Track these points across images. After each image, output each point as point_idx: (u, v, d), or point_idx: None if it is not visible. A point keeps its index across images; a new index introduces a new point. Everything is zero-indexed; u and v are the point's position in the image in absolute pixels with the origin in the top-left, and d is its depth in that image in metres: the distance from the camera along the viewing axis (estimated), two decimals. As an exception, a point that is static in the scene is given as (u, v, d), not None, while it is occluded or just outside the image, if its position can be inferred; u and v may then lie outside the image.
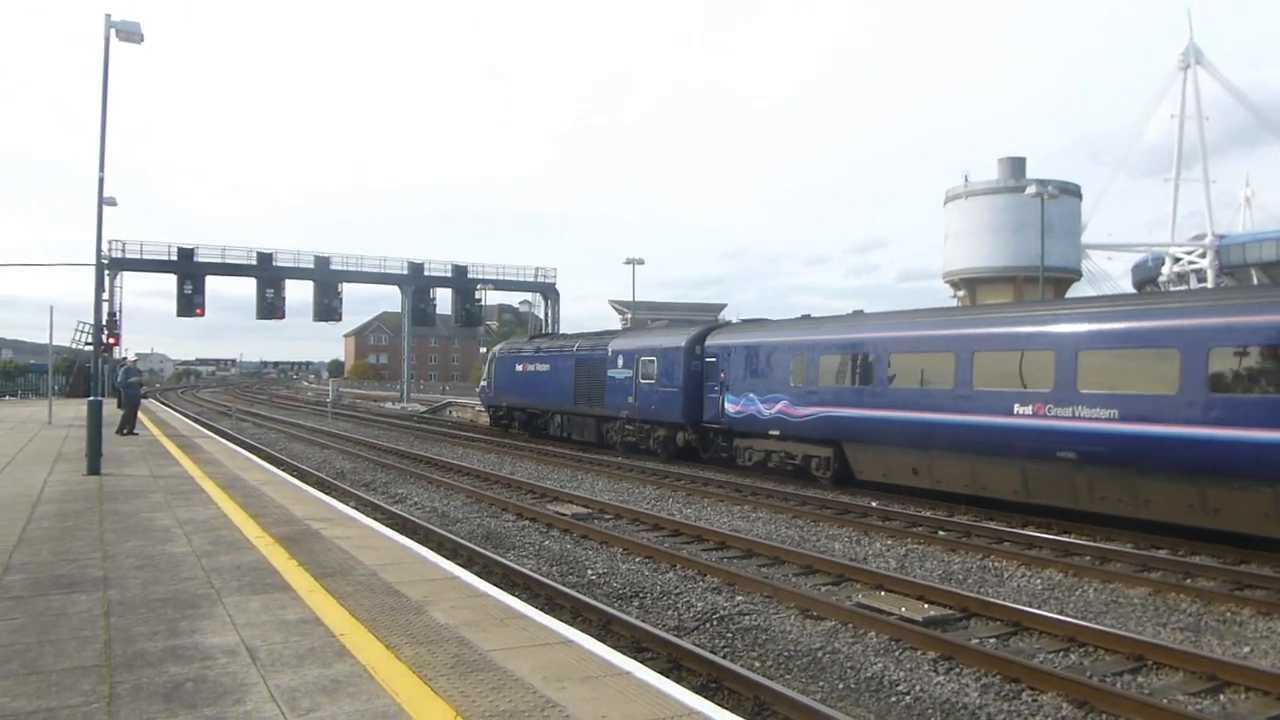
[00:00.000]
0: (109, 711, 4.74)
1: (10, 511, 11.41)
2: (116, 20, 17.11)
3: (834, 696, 7.62)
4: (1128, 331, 14.43)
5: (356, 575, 8.07)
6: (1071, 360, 14.81)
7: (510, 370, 35.28)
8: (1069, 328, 15.21)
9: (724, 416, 23.07)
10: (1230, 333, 12.92)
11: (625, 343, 27.96)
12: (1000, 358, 16.27)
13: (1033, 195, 40.38)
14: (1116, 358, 14.44)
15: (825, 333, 20.73)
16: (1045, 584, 11.66)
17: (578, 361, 30.06)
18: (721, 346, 23.61)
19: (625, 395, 26.98)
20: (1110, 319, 14.85)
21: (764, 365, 21.96)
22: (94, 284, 19.78)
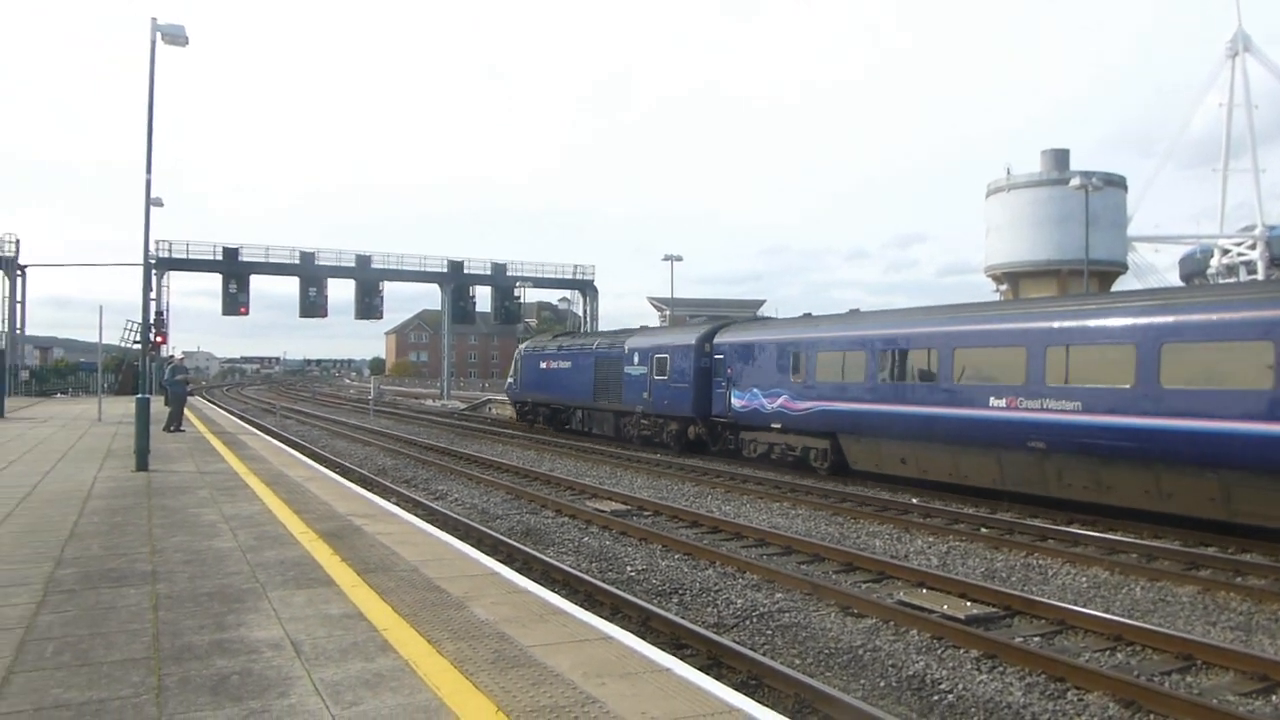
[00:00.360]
0: (158, 703, 4.83)
1: (62, 507, 11.66)
2: (162, 24, 17.37)
3: (875, 694, 7.56)
4: (1089, 329, 15.37)
5: (398, 571, 8.14)
6: (1041, 356, 15.80)
7: (535, 367, 36.44)
8: (1038, 325, 16.21)
9: (730, 411, 24.02)
10: (1179, 330, 13.89)
11: (641, 341, 28.96)
12: (978, 354, 17.27)
13: (1077, 188, 39.78)
14: (1079, 353, 15.36)
15: (821, 331, 21.86)
16: (1091, 582, 11.49)
17: (597, 359, 31.16)
18: (728, 344, 24.60)
19: (640, 391, 28.06)
20: (1073, 317, 15.84)
21: (766, 362, 23.04)
22: (141, 284, 20.14)
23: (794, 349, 22.07)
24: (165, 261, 60.66)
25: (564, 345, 34.82)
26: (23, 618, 6.46)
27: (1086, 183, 39.39)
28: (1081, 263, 48.92)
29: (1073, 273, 63.86)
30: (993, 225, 73.83)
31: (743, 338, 24.40)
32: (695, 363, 25.51)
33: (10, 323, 57.94)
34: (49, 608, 6.74)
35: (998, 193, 73.43)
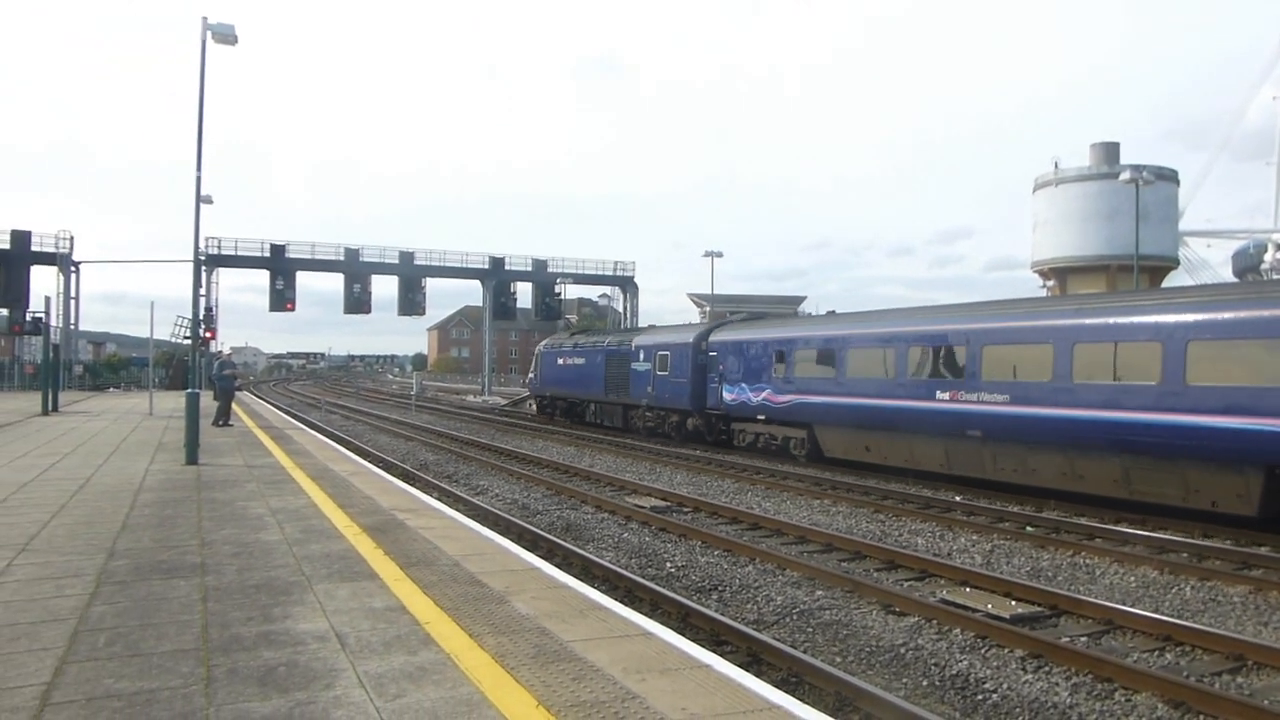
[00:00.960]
0: (206, 694, 4.92)
1: (115, 499, 11.92)
2: (213, 23, 17.63)
3: (918, 693, 7.50)
4: (1020, 329, 17.64)
5: (440, 565, 8.21)
6: (978, 353, 18.03)
7: (553, 364, 38.89)
8: (976, 326, 18.38)
9: (722, 404, 26.38)
10: (1088, 331, 16.05)
11: (646, 339, 31.22)
12: (926, 351, 19.56)
13: (1127, 181, 38.99)
14: (1008, 352, 17.69)
15: (799, 331, 24.53)
16: (1139, 581, 11.29)
17: (607, 356, 33.53)
18: (720, 342, 26.87)
19: (645, 385, 30.46)
20: (1006, 319, 18.17)
21: (753, 360, 25.28)
22: (191, 280, 20.49)
23: (776, 348, 24.39)
24: (214, 258, 61.68)
25: (579, 343, 36.86)
26: (76, 608, 6.61)
27: (1137, 176, 38.61)
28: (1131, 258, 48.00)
29: (1122, 268, 62.68)
30: (1040, 220, 72.66)
31: (733, 337, 26.61)
32: (693, 360, 27.70)
33: (64, 319, 59.27)
34: (101, 599, 6.89)
35: (1045, 187, 72.23)
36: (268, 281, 64.04)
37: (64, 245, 59.58)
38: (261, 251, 63.90)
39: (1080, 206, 68.64)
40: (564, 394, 38.17)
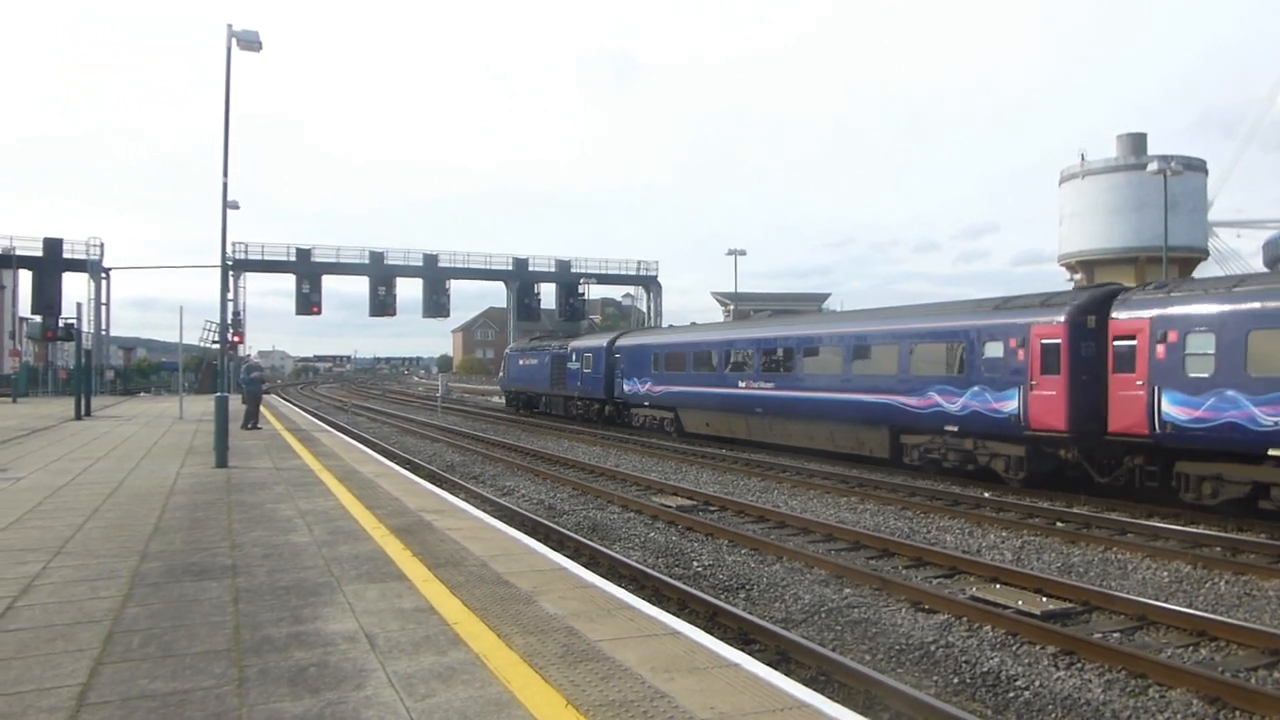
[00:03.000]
0: (239, 694, 4.96)
1: (147, 502, 12.06)
2: (238, 30, 17.78)
3: (948, 691, 7.44)
4: (776, 338, 25.62)
5: (468, 565, 8.24)
6: (759, 355, 25.86)
7: (516, 364, 46.90)
8: (755, 335, 26.84)
9: (624, 394, 34.19)
10: (811, 340, 24.23)
11: (577, 344, 39.00)
12: (735, 354, 27.33)
13: (1154, 172, 38.58)
14: (773, 355, 25.38)
15: (665, 338, 33.08)
16: (1172, 576, 11.16)
17: (552, 357, 40.93)
18: (622, 347, 34.87)
19: (576, 381, 38.14)
20: (770, 330, 26.53)
21: (642, 359, 32.97)
22: (219, 284, 20.69)
23: (653, 352, 32.32)
24: (242, 263, 62.37)
25: (534, 347, 44.78)
26: (110, 610, 6.69)
27: (1165, 167, 38.17)
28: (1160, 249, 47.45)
29: (1151, 259, 62.04)
30: (1067, 213, 71.98)
31: (630, 343, 34.69)
32: (606, 360, 35.34)
33: (96, 324, 60.07)
34: (135, 601, 6.97)
35: (1072, 179, 71.53)
36: (294, 285, 64.62)
37: (94, 252, 60.42)
38: (288, 256, 64.53)
39: (1108, 198, 67.95)
40: (523, 389, 45.84)
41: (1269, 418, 13.70)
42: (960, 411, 18.79)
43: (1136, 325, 15.94)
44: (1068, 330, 16.87)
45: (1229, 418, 14.28)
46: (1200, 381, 14.73)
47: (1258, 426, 13.84)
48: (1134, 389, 15.78)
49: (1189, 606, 9.53)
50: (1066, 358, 16.82)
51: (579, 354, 37.78)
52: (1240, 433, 14.09)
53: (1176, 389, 15.08)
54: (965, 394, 18.71)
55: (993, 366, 18.24)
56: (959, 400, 18.84)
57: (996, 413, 17.98)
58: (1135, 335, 15.94)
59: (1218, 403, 14.42)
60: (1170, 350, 15.28)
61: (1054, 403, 16.91)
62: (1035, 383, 17.27)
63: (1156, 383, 15.40)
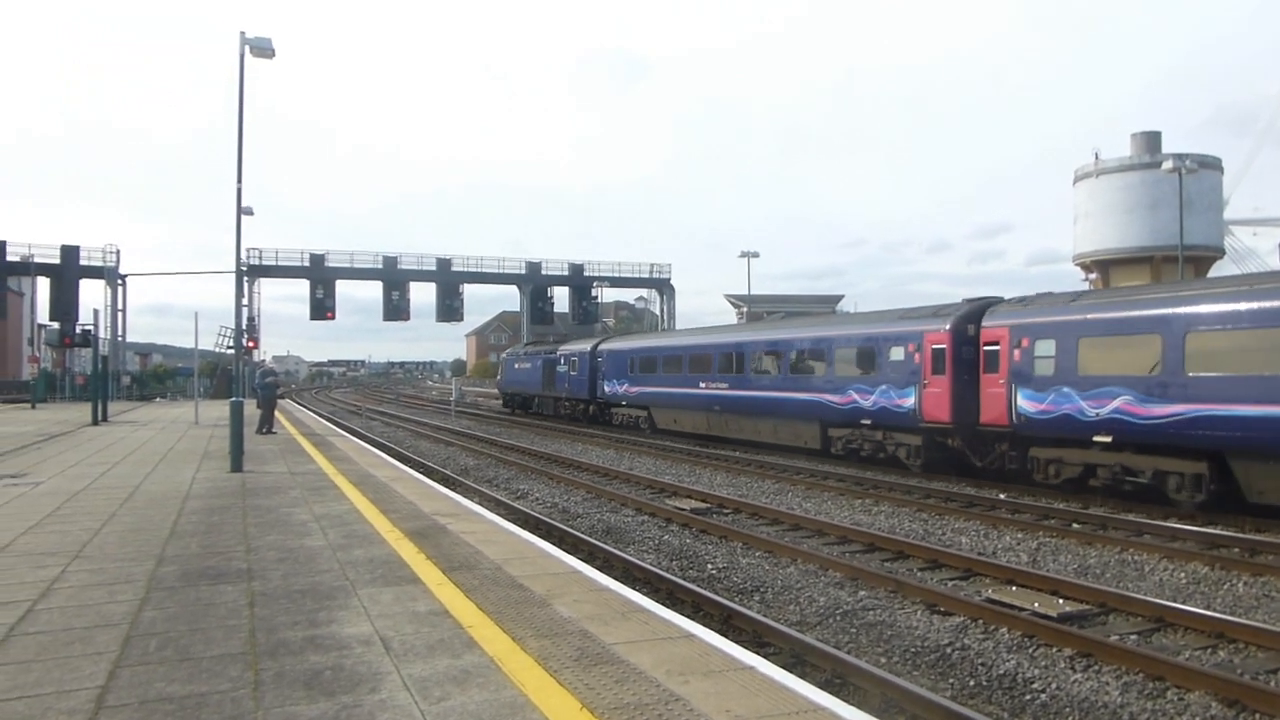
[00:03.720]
0: (255, 697, 4.98)
1: (163, 507, 12.13)
2: (250, 37, 17.87)
3: (964, 694, 7.41)
4: (730, 344, 28.96)
5: (482, 569, 8.26)
6: (715, 360, 29.23)
7: (511, 368, 50.97)
8: (713, 341, 30.27)
9: (605, 395, 37.55)
10: (753, 344, 27.59)
11: (565, 349, 42.34)
12: (695, 358, 30.62)
13: (1169, 171, 38.36)
14: (726, 357, 28.73)
15: (639, 343, 36.68)
16: (1190, 578, 11.09)
17: (543, 361, 44.27)
18: (604, 351, 38.14)
19: (564, 383, 41.63)
20: (723, 336, 30.33)
21: (620, 364, 36.27)
22: (234, 290, 20.82)
23: (629, 356, 35.59)
24: (256, 269, 62.63)
25: (527, 351, 48.73)
26: (128, 614, 6.73)
27: (1180, 165, 37.96)
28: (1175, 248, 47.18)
29: (1166, 259, 61.68)
30: (1081, 212, 71.58)
31: (610, 348, 37.96)
32: (590, 363, 38.66)
33: (112, 330, 60.45)
34: (152, 604, 7.01)
35: (1086, 178, 71.14)
36: (308, 291, 64.87)
37: (110, 259, 60.81)
38: (301, 261, 64.76)
39: (1122, 198, 67.55)
40: (519, 390, 49.43)
41: (1093, 410, 16.45)
42: (872, 407, 21.81)
43: (999, 333, 18.71)
44: (951, 337, 19.72)
45: (1065, 410, 17.02)
46: (1045, 380, 17.47)
47: (1085, 417, 16.60)
48: (998, 386, 18.54)
49: (1207, 608, 9.46)
50: (950, 361, 19.64)
51: (566, 358, 41.41)
52: (1073, 423, 16.83)
53: (1028, 386, 17.87)
54: (875, 392, 21.74)
55: (896, 368, 21.17)
56: (871, 398, 21.87)
57: (899, 408, 20.91)
58: (999, 341, 18.63)
59: (1057, 398, 17.20)
60: (1023, 354, 18.04)
61: (941, 399, 19.76)
62: (927, 382, 20.18)
63: (1014, 381, 18.15)
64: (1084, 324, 16.97)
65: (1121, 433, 16.02)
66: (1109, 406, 16.17)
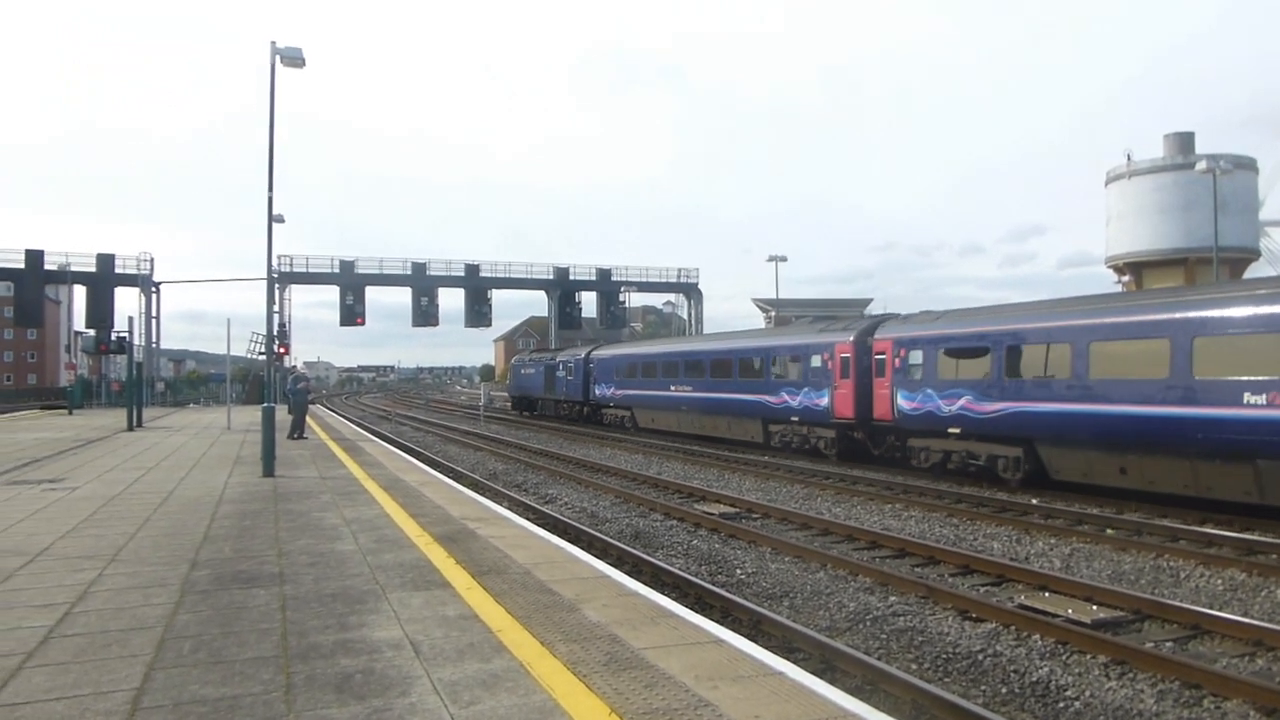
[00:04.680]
0: (287, 700, 5.03)
1: (197, 511, 12.27)
2: (281, 47, 18.04)
3: (997, 701, 7.34)
4: (691, 352, 33.57)
5: (511, 573, 8.28)
6: (680, 368, 33.42)
7: (519, 373, 56.38)
8: (678, 349, 35.25)
9: (595, 397, 41.93)
10: (708, 353, 31.96)
11: (563, 356, 47.40)
12: (666, 365, 34.75)
13: (1203, 171, 37.83)
14: (689, 364, 33.00)
15: (624, 351, 40.94)
16: (1227, 584, 10.91)
17: (546, 367, 49.38)
18: (595, 358, 42.43)
19: (562, 387, 46.21)
20: (686, 345, 35.69)
21: (608, 369, 40.59)
22: (265, 297, 21.03)
23: (615, 362, 39.89)
24: (287, 275, 63.22)
25: (533, 358, 54.45)
26: (162, 617, 6.82)
27: (1214, 166, 37.44)
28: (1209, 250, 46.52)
29: (1200, 260, 60.75)
30: (1114, 214, 70.73)
31: (600, 355, 42.21)
32: (584, 369, 43.14)
33: (147, 337, 61.26)
34: (186, 608, 7.09)
35: (1118, 180, 70.28)
36: (338, 297, 65.40)
37: (145, 267, 61.64)
38: (331, 268, 65.27)
39: (1155, 199, 66.66)
40: (525, 394, 54.29)
41: (947, 407, 20.25)
42: (799, 406, 25.91)
43: (885, 345, 22.61)
44: (854, 348, 23.72)
45: (928, 408, 20.82)
46: (915, 383, 21.31)
47: (942, 413, 20.41)
48: (885, 389, 22.40)
49: (1244, 615, 9.32)
50: (854, 367, 23.58)
51: (564, 365, 46.31)
52: (934, 418, 20.67)
53: (904, 389, 21.67)
54: (801, 394, 25.82)
55: (816, 374, 25.26)
56: (798, 398, 25.94)
57: (818, 406, 25.04)
58: (885, 352, 22.57)
59: (923, 398, 20.98)
60: (901, 362, 21.92)
61: (847, 399, 23.75)
62: (837, 385, 24.23)
63: (895, 384, 22.02)
64: (941, 338, 20.87)
65: (965, 425, 19.83)
66: (957, 405, 19.98)
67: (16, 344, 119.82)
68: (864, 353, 23.41)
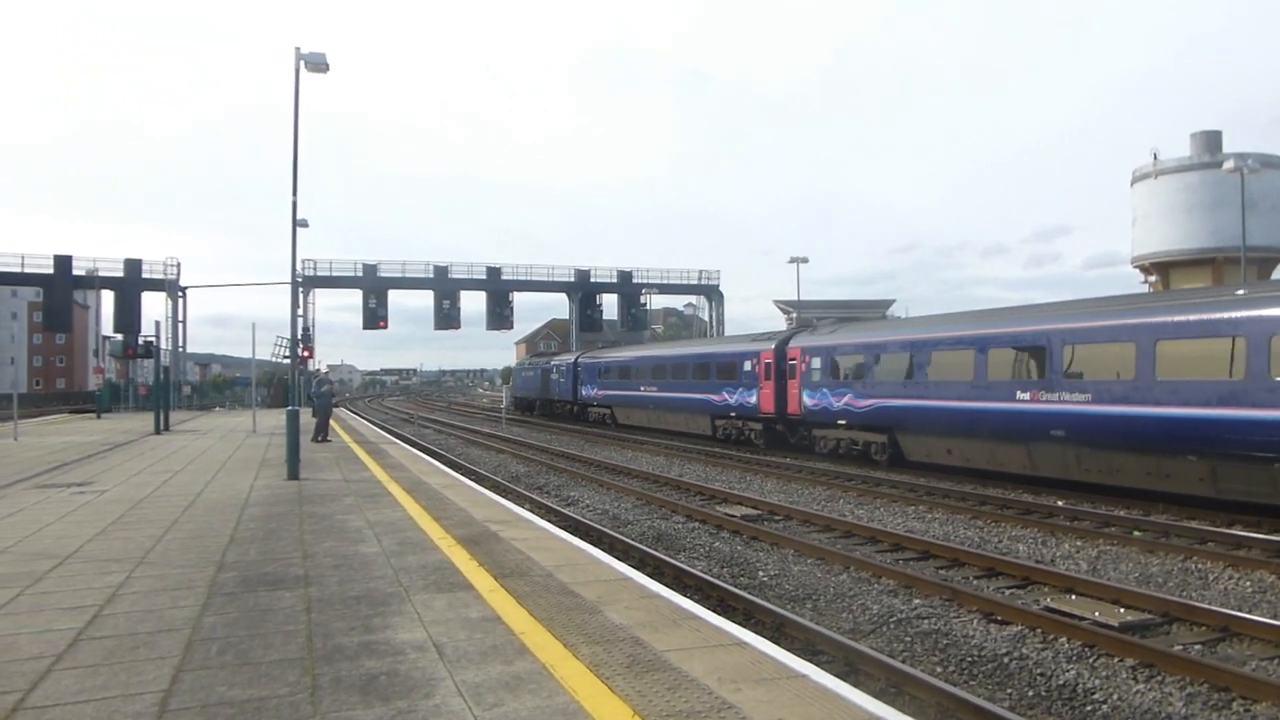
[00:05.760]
0: (312, 702, 5.06)
1: (223, 514, 12.38)
2: (305, 52, 18.15)
3: (1023, 704, 7.28)
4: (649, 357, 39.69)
5: (534, 576, 8.30)
6: (649, 370, 38.58)
7: (520, 376, 63.07)
8: (641, 354, 41.49)
9: (582, 397, 47.38)
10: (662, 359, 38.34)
11: (556, 360, 53.85)
12: (637, 368, 40.04)
13: (1231, 170, 37.41)
14: (650, 368, 38.61)
15: (604, 356, 46.16)
16: (1256, 586, 10.79)
17: (542, 370, 55.72)
18: (582, 362, 48.10)
19: (556, 388, 52.09)
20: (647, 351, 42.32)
21: (591, 372, 46.22)
22: (290, 301, 21.15)
23: (598, 366, 45.38)
24: (311, 280, 63.69)
25: (532, 363, 61.22)
26: (189, 619, 6.88)
27: (1241, 165, 37.04)
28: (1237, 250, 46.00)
29: (1228, 260, 60.04)
30: (1140, 214, 69.97)
31: (587, 359, 47.83)
32: (573, 372, 48.71)
33: (173, 341, 61.86)
34: (212, 610, 7.16)
35: (1144, 179, 69.53)
36: (361, 301, 65.82)
37: (171, 271, 62.27)
38: (355, 272, 65.69)
39: (1182, 198, 65.89)
40: (524, 395, 60.58)
41: (837, 404, 25.15)
42: (736, 403, 31.02)
43: (796, 353, 27.60)
44: (774, 354, 28.62)
45: (824, 404, 25.81)
46: (816, 384, 26.26)
47: (833, 408, 25.34)
48: (795, 389, 27.37)
49: (1274, 617, 9.19)
50: (774, 371, 28.48)
51: (557, 369, 52.52)
52: (828, 412, 25.60)
53: (809, 389, 26.64)
54: (737, 393, 30.89)
55: (748, 376, 30.26)
56: (735, 396, 31.03)
57: (749, 403, 30.13)
58: (796, 358, 27.51)
59: (821, 397, 26.01)
60: (807, 366, 26.85)
61: (769, 397, 28.71)
62: (762, 386, 29.23)
63: (802, 385, 26.99)
64: (833, 348, 25.96)
65: (849, 418, 24.73)
66: (843, 401, 24.95)
67: (45, 348, 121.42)
68: (782, 359, 28.24)
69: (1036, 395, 18.30)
